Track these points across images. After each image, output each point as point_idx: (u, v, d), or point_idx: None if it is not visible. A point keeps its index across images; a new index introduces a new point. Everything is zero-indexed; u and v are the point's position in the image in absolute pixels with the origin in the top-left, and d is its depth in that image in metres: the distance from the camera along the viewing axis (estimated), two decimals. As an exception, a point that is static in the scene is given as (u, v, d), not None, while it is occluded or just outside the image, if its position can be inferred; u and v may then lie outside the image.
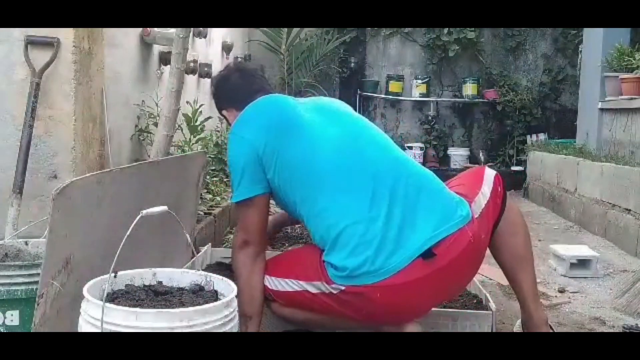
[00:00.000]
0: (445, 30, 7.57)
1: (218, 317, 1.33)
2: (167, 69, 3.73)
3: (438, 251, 1.73)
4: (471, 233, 1.79)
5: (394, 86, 7.72)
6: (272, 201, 1.95)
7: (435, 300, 1.88)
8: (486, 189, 1.95)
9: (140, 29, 3.56)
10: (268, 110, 1.92)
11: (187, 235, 1.54)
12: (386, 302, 1.73)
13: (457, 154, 7.63)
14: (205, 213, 3.45)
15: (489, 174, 2.02)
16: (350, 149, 1.87)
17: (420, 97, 7.72)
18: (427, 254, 1.72)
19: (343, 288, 1.75)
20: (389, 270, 1.71)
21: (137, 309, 1.32)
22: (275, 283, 1.90)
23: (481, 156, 7.65)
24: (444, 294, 1.92)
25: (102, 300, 1.27)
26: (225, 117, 2.12)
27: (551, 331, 2.08)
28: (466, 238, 1.78)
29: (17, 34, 2.56)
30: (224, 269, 2.57)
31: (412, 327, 1.82)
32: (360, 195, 1.78)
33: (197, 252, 2.41)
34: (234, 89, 2.09)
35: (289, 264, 1.94)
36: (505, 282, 2.31)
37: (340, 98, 8.71)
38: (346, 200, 1.79)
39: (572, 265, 3.25)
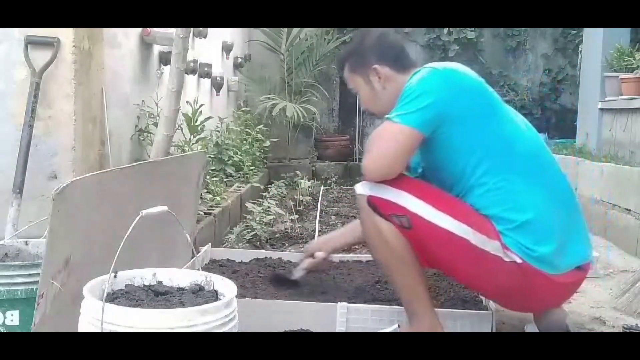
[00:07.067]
0: (445, 30, 7.58)
1: (218, 317, 1.33)
2: (167, 69, 3.73)
3: (584, 267, 1.96)
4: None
5: (394, 86, 7.72)
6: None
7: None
8: None
9: (140, 29, 3.56)
10: (475, 78, 1.92)
11: (187, 235, 1.53)
12: (542, 293, 1.88)
13: (457, 154, 7.62)
14: (205, 213, 3.45)
15: None
16: (545, 152, 1.98)
17: (420, 97, 7.71)
18: (579, 267, 1.93)
19: (520, 262, 1.81)
20: (562, 268, 1.86)
21: (138, 309, 1.32)
22: (427, 210, 1.81)
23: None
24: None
25: (102, 300, 1.27)
26: (361, 78, 2.04)
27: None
28: (587, 272, 1.99)
29: (17, 34, 2.56)
30: (224, 268, 2.57)
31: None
32: (553, 195, 1.90)
33: (197, 252, 2.42)
34: (397, 48, 2.07)
35: (453, 204, 1.86)
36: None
37: (340, 98, 8.67)
38: (544, 192, 1.87)
39: (572, 265, 3.24)
